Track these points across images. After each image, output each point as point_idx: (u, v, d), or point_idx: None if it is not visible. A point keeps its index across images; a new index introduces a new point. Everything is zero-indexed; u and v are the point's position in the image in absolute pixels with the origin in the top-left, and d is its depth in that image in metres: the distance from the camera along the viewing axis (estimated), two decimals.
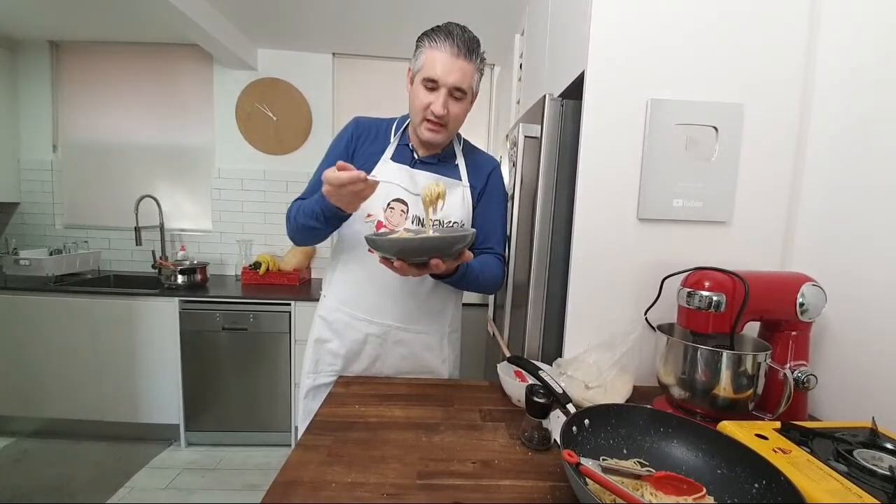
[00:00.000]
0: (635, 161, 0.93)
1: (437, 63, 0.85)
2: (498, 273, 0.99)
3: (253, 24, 2.16)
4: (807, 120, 0.93)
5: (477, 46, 0.88)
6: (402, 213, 0.95)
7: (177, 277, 2.18)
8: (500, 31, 2.06)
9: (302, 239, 0.95)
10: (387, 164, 0.96)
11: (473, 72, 0.88)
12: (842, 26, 0.87)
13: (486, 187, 1.03)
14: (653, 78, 0.92)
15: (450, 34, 0.85)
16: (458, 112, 0.90)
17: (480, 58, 0.89)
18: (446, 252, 0.73)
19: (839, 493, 0.49)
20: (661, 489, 0.52)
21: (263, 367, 2.10)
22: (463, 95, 0.89)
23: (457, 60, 0.85)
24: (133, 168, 2.58)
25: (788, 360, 0.78)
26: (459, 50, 0.85)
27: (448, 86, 0.86)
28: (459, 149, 1.03)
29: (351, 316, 0.98)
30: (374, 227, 0.94)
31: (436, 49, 0.86)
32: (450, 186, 0.97)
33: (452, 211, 0.97)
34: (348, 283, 0.99)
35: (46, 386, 2.08)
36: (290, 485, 0.57)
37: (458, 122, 0.93)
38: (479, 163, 1.04)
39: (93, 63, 2.53)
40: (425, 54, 0.87)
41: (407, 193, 0.94)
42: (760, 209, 0.95)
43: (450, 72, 0.85)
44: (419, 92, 0.89)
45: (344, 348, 0.99)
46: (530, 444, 0.69)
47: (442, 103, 0.86)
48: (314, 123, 2.55)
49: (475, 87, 0.92)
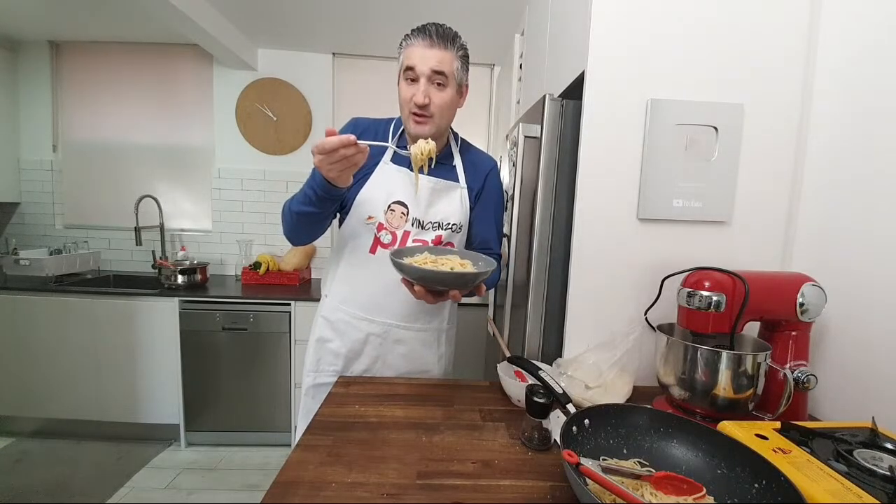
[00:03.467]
0: (635, 161, 0.93)
1: (412, 55, 0.87)
2: (496, 274, 1.02)
3: (253, 24, 2.16)
4: (807, 120, 0.93)
5: (453, 37, 0.88)
6: (403, 215, 0.95)
7: (177, 277, 2.18)
8: (500, 31, 2.07)
9: (298, 231, 0.93)
10: (387, 166, 0.96)
11: (452, 59, 0.88)
12: (842, 26, 0.87)
13: (483, 188, 1.04)
14: (653, 78, 0.92)
15: (424, 29, 0.87)
16: (441, 101, 0.89)
17: (458, 46, 0.89)
18: (467, 285, 0.78)
19: (839, 493, 0.49)
20: (661, 489, 0.52)
21: (263, 367, 2.10)
22: (444, 80, 0.88)
23: (431, 49, 0.86)
24: (133, 168, 2.58)
25: (788, 360, 0.78)
26: (433, 39, 0.86)
27: (426, 73, 0.86)
28: (456, 149, 1.03)
29: (352, 315, 0.99)
30: (375, 228, 0.94)
31: (412, 46, 0.87)
32: (447, 189, 0.98)
33: (451, 213, 0.98)
34: (349, 283, 1.00)
35: (46, 386, 2.08)
36: (290, 485, 0.57)
37: (444, 112, 0.91)
38: (476, 163, 1.04)
39: (93, 63, 2.53)
40: (404, 52, 0.89)
41: (407, 196, 0.95)
42: (760, 209, 0.95)
43: (425, 59, 0.86)
44: (402, 87, 0.90)
45: (345, 348, 1.00)
46: (530, 444, 0.69)
47: (423, 91, 0.86)
48: (314, 124, 2.55)
49: (458, 76, 0.90)
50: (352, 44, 2.41)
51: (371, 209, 0.94)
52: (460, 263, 0.82)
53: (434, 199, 0.97)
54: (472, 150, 1.06)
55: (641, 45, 0.91)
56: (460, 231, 1.00)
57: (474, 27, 2.05)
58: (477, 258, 0.86)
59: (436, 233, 0.97)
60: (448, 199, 0.99)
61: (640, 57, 0.91)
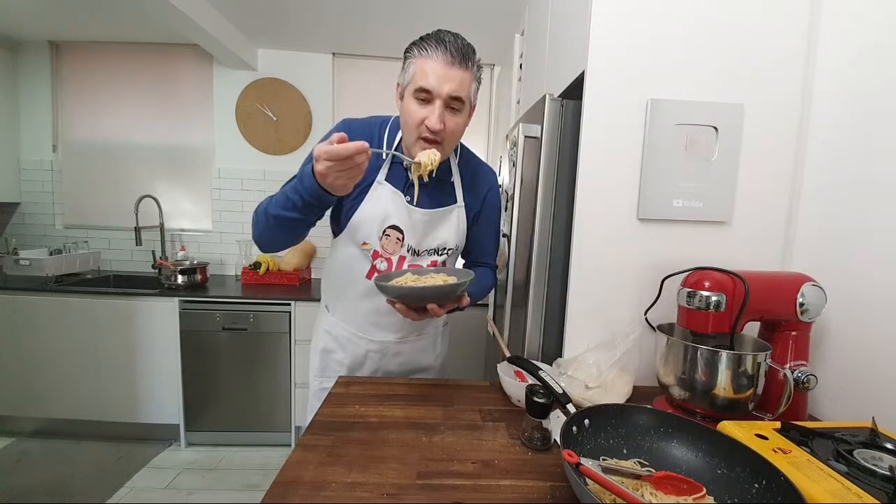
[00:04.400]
0: (635, 161, 0.93)
1: (429, 72, 0.77)
2: (490, 283, 1.03)
3: (253, 24, 2.16)
4: (807, 120, 0.93)
5: (472, 53, 0.80)
6: (398, 240, 0.91)
7: (177, 277, 2.18)
8: (500, 31, 2.06)
9: (275, 238, 0.84)
10: (381, 186, 0.89)
11: (470, 80, 0.80)
12: (842, 26, 0.87)
13: (482, 209, 1.00)
14: (653, 78, 0.92)
15: (441, 41, 0.77)
16: (455, 126, 0.82)
17: (477, 65, 0.82)
18: (446, 298, 0.78)
19: (839, 493, 0.49)
20: (661, 489, 0.52)
21: (263, 367, 2.10)
22: (461, 106, 0.81)
23: (451, 69, 0.77)
24: (133, 168, 2.58)
25: (788, 360, 0.78)
26: (454, 57, 0.77)
27: (443, 96, 0.77)
28: (455, 162, 0.96)
29: (352, 333, 0.99)
30: (370, 256, 0.90)
31: (427, 58, 0.78)
32: (444, 215, 0.94)
33: (448, 239, 0.95)
34: (347, 305, 0.99)
35: (46, 386, 2.08)
36: (290, 485, 0.57)
37: (455, 137, 0.85)
38: (476, 179, 0.99)
39: (93, 63, 2.53)
40: (416, 65, 0.79)
41: (402, 220, 0.90)
42: (760, 209, 0.95)
43: (445, 80, 0.77)
44: (411, 106, 0.80)
45: (348, 359, 1.01)
46: (530, 444, 0.69)
47: (438, 116, 0.78)
48: (314, 123, 2.55)
49: (473, 98, 0.84)
50: (352, 44, 2.41)
51: (366, 234, 0.89)
52: (443, 279, 0.81)
53: (429, 229, 0.93)
54: (472, 162, 1.00)
55: (641, 45, 0.91)
56: (456, 251, 1.00)
57: (474, 27, 2.04)
58: (462, 273, 0.84)
59: (432, 258, 0.95)
60: (446, 225, 0.95)
61: (640, 57, 0.91)
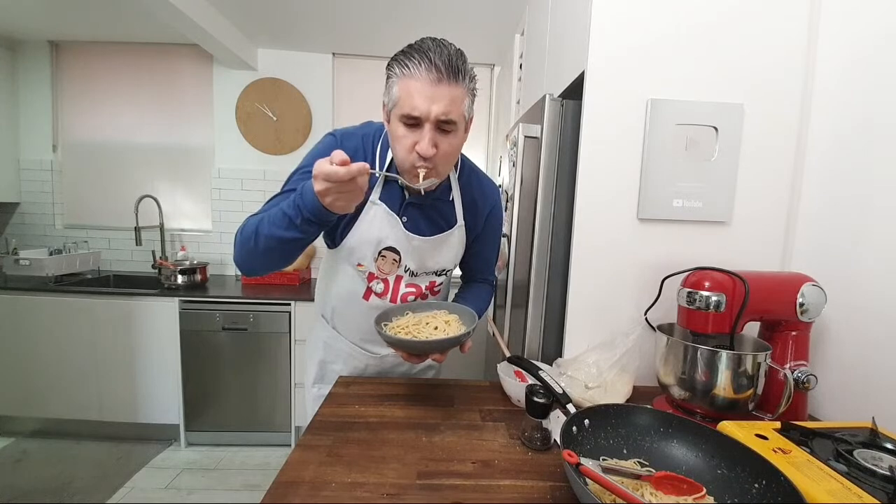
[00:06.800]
0: (635, 161, 0.93)
1: (414, 94, 0.68)
2: (489, 301, 1.02)
3: (253, 24, 2.16)
4: (807, 119, 0.93)
5: (462, 64, 0.70)
6: (395, 261, 0.87)
7: (177, 277, 2.18)
8: (500, 31, 2.06)
9: (269, 259, 0.76)
10: (375, 206, 0.84)
11: (463, 96, 0.71)
12: (842, 26, 0.87)
13: (483, 230, 0.96)
14: (653, 78, 0.92)
15: (425, 55, 0.67)
16: (449, 148, 0.73)
17: (469, 76, 0.72)
18: (446, 349, 0.77)
19: (839, 493, 0.49)
20: (661, 489, 0.52)
21: (263, 367, 2.10)
22: (454, 127, 0.72)
23: (438, 87, 0.68)
24: (133, 168, 2.58)
25: (788, 360, 0.78)
26: (440, 73, 0.67)
27: (432, 120, 0.69)
28: (455, 177, 0.90)
29: (352, 347, 0.99)
30: (366, 278, 0.88)
31: (410, 77, 0.68)
32: (444, 239, 0.89)
33: (447, 261, 0.92)
34: (344, 320, 0.98)
35: (46, 386, 2.08)
36: (290, 485, 0.57)
37: (451, 159, 0.77)
38: (477, 200, 0.93)
39: (93, 63, 2.53)
40: (398, 85, 0.70)
41: (398, 241, 0.86)
42: (760, 209, 0.95)
43: (432, 102, 0.68)
44: (399, 131, 0.72)
45: (347, 370, 1.00)
46: (530, 444, 0.69)
47: (429, 141, 0.70)
48: (314, 123, 2.55)
49: (468, 113, 0.74)
50: (352, 44, 2.40)
51: (361, 256, 0.86)
52: (445, 321, 0.80)
53: (429, 255, 0.89)
54: (473, 179, 0.93)
55: (641, 45, 0.91)
56: (455, 267, 0.98)
57: (474, 27, 2.05)
58: (464, 311, 0.83)
59: (430, 279, 0.92)
60: (446, 248, 0.91)
61: (640, 57, 0.91)
